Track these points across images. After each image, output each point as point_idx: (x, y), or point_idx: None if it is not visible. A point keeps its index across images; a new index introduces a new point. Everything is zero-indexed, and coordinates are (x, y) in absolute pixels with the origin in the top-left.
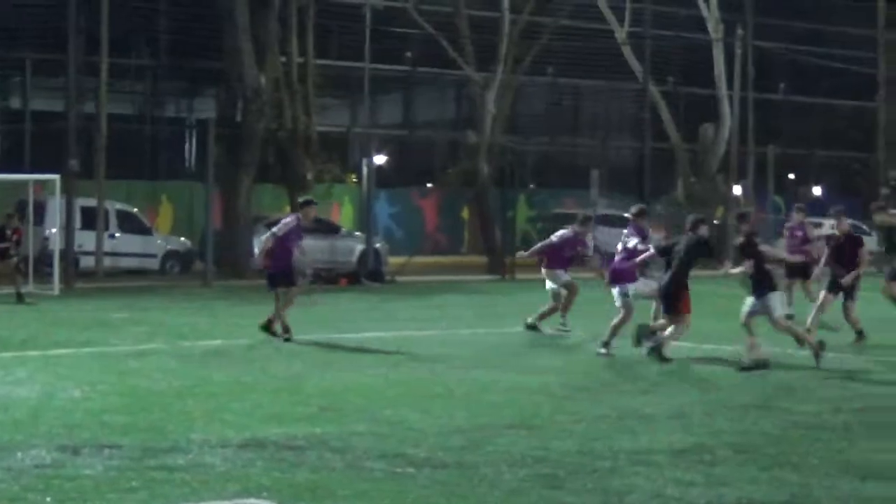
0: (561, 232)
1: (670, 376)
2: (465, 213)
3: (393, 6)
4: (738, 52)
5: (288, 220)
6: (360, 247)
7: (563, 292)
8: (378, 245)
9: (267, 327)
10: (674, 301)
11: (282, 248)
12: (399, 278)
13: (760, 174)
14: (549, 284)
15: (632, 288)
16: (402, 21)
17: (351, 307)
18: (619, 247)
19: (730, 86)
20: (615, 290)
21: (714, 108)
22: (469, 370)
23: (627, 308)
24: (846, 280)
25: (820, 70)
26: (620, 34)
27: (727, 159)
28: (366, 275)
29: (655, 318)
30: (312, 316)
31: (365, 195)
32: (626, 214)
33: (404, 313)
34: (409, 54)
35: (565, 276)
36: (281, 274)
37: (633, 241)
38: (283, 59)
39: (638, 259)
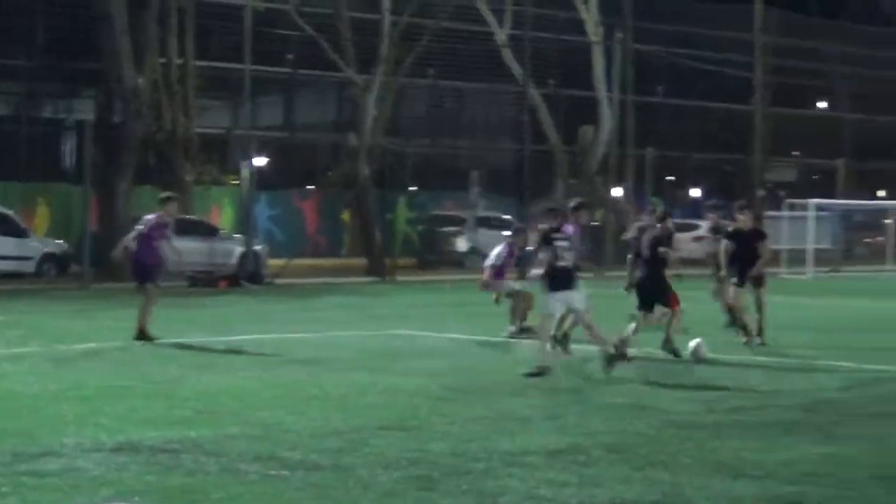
0: (496, 251)
1: (546, 379)
2: (346, 216)
3: (274, 8)
4: (618, 54)
5: (150, 217)
6: (239, 249)
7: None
8: (258, 247)
9: (140, 335)
10: (662, 297)
11: (146, 244)
12: (279, 280)
13: (639, 176)
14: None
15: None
16: (283, 23)
17: (229, 310)
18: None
19: (609, 88)
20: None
21: (593, 111)
22: (346, 372)
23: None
24: (755, 271)
25: (698, 73)
26: (500, 36)
27: (606, 161)
28: (245, 277)
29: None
30: (190, 318)
31: (245, 197)
32: (505, 217)
33: (283, 316)
34: (290, 56)
35: (512, 284)
36: (146, 269)
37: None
38: (163, 60)
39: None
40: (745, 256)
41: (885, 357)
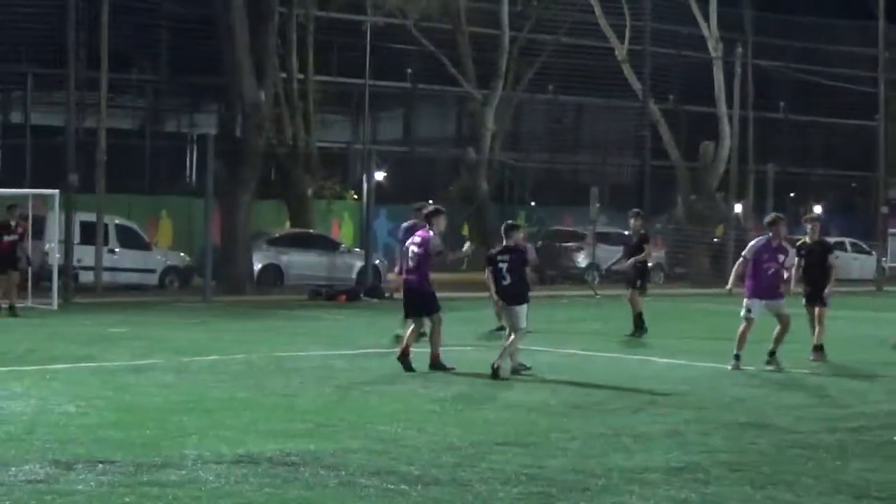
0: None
1: (662, 396)
2: (465, 230)
3: (393, 23)
4: (738, 70)
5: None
6: (359, 263)
7: None
8: (377, 261)
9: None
10: None
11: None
12: (398, 295)
13: (760, 193)
14: None
15: None
16: (403, 37)
17: (350, 323)
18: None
19: (730, 104)
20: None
21: (714, 126)
22: (461, 387)
23: None
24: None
25: (819, 89)
26: (621, 52)
27: (727, 177)
28: (365, 291)
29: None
30: (311, 332)
31: (365, 211)
32: (626, 232)
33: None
34: (409, 71)
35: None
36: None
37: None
38: (283, 74)
39: None
40: (814, 271)
41: None
